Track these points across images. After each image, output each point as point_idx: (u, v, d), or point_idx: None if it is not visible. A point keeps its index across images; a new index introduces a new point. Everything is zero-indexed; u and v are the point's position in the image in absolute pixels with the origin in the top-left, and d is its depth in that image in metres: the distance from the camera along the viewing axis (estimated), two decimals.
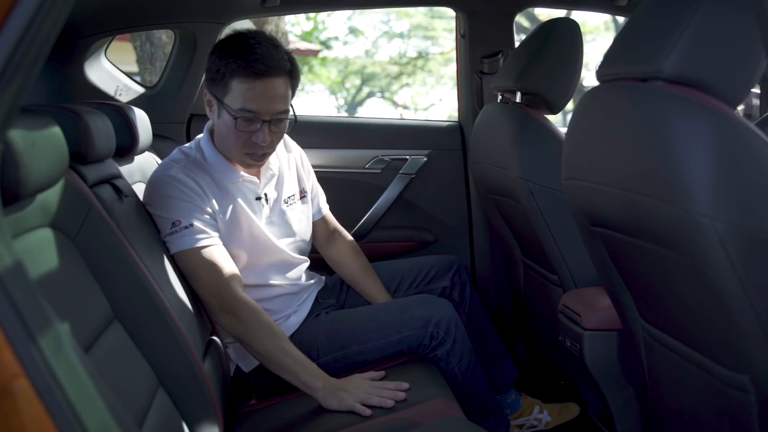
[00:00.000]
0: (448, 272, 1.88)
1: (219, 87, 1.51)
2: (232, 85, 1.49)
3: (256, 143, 1.52)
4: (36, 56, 0.74)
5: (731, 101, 0.97)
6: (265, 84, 1.48)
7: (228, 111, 1.50)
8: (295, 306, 1.71)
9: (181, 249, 1.48)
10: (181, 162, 1.57)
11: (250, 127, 1.50)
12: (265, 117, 1.50)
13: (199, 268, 1.48)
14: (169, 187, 1.51)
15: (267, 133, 1.52)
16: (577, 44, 1.76)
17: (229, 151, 1.57)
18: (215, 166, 1.59)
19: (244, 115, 1.49)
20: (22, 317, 0.67)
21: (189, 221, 1.49)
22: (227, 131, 1.53)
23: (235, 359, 1.63)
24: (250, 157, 1.56)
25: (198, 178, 1.55)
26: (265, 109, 1.50)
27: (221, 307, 1.48)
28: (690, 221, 0.92)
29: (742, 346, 0.97)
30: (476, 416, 1.65)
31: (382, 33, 15.13)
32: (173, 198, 1.50)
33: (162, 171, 1.56)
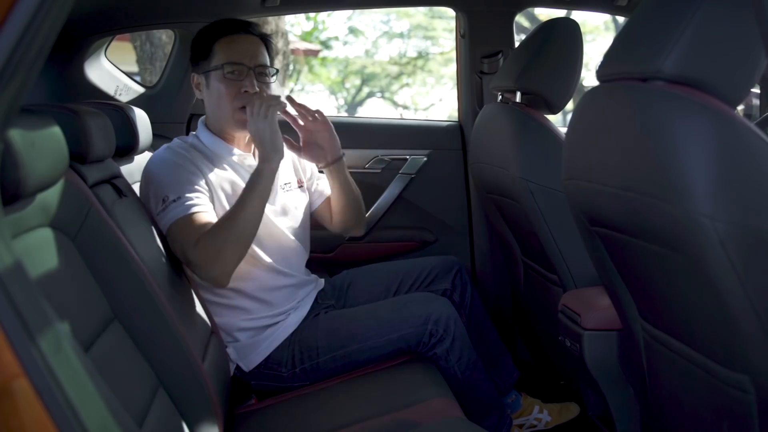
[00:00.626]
0: (448, 274, 1.88)
1: (203, 61, 1.64)
2: (215, 49, 1.62)
3: (246, 93, 1.60)
4: (36, 56, 0.74)
5: (731, 101, 0.97)
6: (243, 39, 1.64)
7: (215, 69, 1.61)
8: (295, 302, 1.71)
9: (170, 221, 1.48)
10: (175, 145, 1.63)
11: (237, 77, 1.61)
12: (249, 65, 1.62)
13: (180, 234, 1.47)
14: (162, 165, 1.55)
15: (254, 81, 1.61)
16: (577, 44, 1.76)
17: (222, 114, 1.63)
18: (211, 146, 1.65)
19: (230, 67, 1.60)
20: (22, 317, 0.67)
21: (176, 195, 1.49)
22: (218, 94, 1.62)
23: (236, 359, 1.63)
24: (241, 112, 1.59)
25: (192, 157, 1.59)
26: (247, 59, 1.62)
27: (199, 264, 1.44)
28: (690, 221, 0.92)
29: (742, 346, 0.97)
30: (478, 414, 1.65)
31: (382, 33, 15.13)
32: (164, 175, 1.53)
33: (154, 155, 1.61)
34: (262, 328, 1.64)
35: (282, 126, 1.59)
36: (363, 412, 1.40)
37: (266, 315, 1.65)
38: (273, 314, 1.66)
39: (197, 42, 1.67)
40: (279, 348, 1.63)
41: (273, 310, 1.66)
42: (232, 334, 1.64)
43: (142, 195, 1.57)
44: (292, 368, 1.61)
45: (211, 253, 1.43)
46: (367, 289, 1.87)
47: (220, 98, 1.61)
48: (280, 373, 1.62)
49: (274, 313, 1.66)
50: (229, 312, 1.63)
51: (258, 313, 1.64)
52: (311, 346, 1.62)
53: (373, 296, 1.83)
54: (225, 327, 1.64)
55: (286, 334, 1.65)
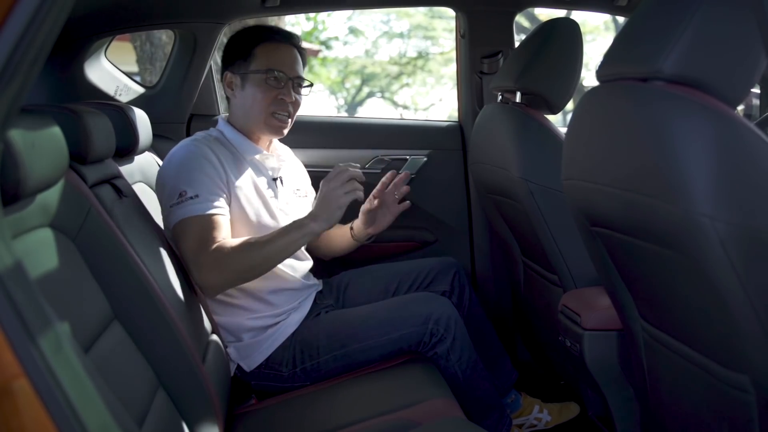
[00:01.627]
0: (447, 275, 1.88)
1: (241, 62, 1.66)
2: (257, 52, 1.65)
3: (282, 100, 1.64)
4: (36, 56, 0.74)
5: (731, 101, 0.97)
6: (286, 48, 1.68)
7: (257, 73, 1.64)
8: (296, 303, 1.71)
9: (184, 216, 1.48)
10: (201, 137, 1.64)
11: (278, 84, 1.64)
12: (290, 75, 1.66)
13: (195, 231, 1.47)
14: (185, 158, 1.56)
15: (292, 92, 1.66)
16: (577, 44, 1.76)
17: (255, 116, 1.66)
18: (236, 142, 1.68)
19: (273, 74, 1.64)
20: (22, 317, 0.67)
21: (195, 192, 1.50)
22: (253, 96, 1.64)
23: (237, 359, 1.64)
24: (275, 119, 1.65)
25: (217, 151, 1.60)
26: (289, 69, 1.66)
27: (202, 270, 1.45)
28: (690, 221, 0.92)
29: (742, 346, 0.97)
30: (478, 414, 1.65)
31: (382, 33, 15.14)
32: (185, 169, 1.53)
33: (179, 146, 1.62)
34: (263, 328, 1.65)
35: None
36: (363, 412, 1.40)
37: (268, 314, 1.65)
38: (274, 314, 1.66)
39: (236, 42, 1.68)
40: (280, 348, 1.63)
41: (274, 310, 1.66)
42: (234, 334, 1.64)
43: (158, 183, 1.59)
44: (292, 368, 1.62)
45: (221, 265, 1.45)
46: (365, 291, 1.87)
47: (255, 101, 1.64)
48: (281, 373, 1.62)
49: (275, 313, 1.66)
50: (231, 311, 1.63)
51: (260, 313, 1.65)
52: (312, 345, 1.62)
53: (371, 297, 1.84)
54: (227, 326, 1.64)
55: (287, 334, 1.65)
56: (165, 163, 1.60)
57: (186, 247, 1.48)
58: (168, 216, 1.53)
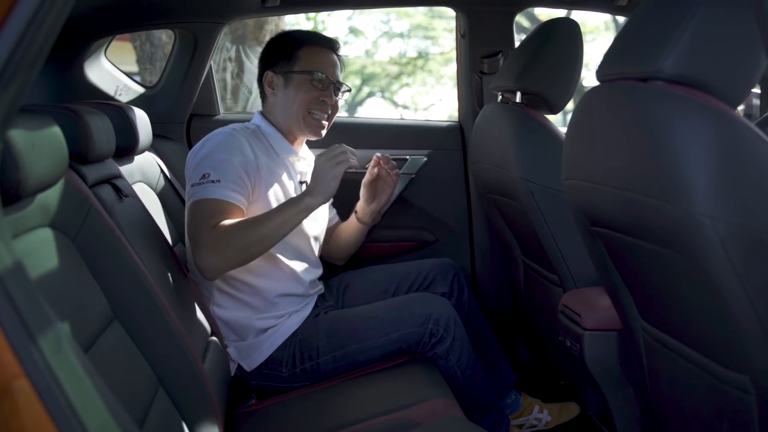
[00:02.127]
0: (446, 277, 1.89)
1: (284, 62, 1.69)
2: (300, 54, 1.69)
3: (324, 102, 1.69)
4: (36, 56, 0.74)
5: (731, 101, 0.97)
6: (328, 53, 1.73)
7: (300, 73, 1.67)
8: (299, 306, 1.71)
9: (200, 197, 1.49)
10: (239, 128, 1.65)
11: (321, 86, 1.69)
12: (332, 79, 1.71)
13: (204, 212, 1.48)
14: (219, 143, 1.57)
15: (333, 95, 1.70)
16: (577, 44, 1.76)
17: (295, 114, 1.68)
18: (273, 139, 1.70)
19: (317, 76, 1.68)
20: (22, 317, 0.67)
21: (218, 177, 1.51)
22: (295, 95, 1.67)
23: (237, 358, 1.64)
24: (314, 114, 1.69)
25: (253, 144, 1.62)
26: (332, 73, 1.71)
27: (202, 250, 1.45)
28: (690, 221, 0.92)
29: (742, 346, 0.97)
30: (476, 415, 1.65)
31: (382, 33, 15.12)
32: (216, 152, 1.54)
33: (218, 131, 1.62)
34: (264, 329, 1.65)
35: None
36: (363, 412, 1.40)
37: (271, 315, 1.65)
38: (276, 315, 1.66)
39: (279, 43, 1.73)
40: (280, 348, 1.63)
41: (278, 311, 1.66)
42: (238, 332, 1.64)
43: (188, 163, 1.59)
44: (292, 368, 1.62)
45: (220, 243, 1.44)
46: (364, 292, 1.87)
47: (297, 100, 1.67)
48: (281, 373, 1.62)
49: (277, 314, 1.66)
50: (239, 306, 1.64)
51: (265, 313, 1.65)
52: (311, 346, 1.62)
53: (370, 299, 1.84)
54: (232, 323, 1.63)
55: (287, 334, 1.65)
56: (199, 144, 1.61)
57: (191, 226, 1.50)
58: (189, 196, 1.54)
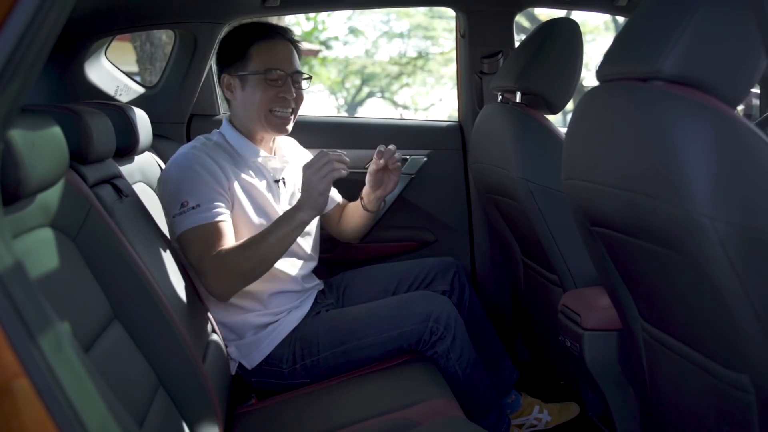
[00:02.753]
0: (447, 275, 1.89)
1: (238, 63, 1.64)
2: (252, 52, 1.63)
3: (284, 98, 1.64)
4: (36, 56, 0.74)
5: (731, 101, 0.97)
6: (282, 44, 1.66)
7: (254, 74, 1.63)
8: (296, 302, 1.71)
9: (187, 227, 1.50)
10: (200, 143, 1.64)
11: (277, 83, 1.63)
12: (288, 71, 1.65)
13: (198, 240, 1.49)
14: (184, 168, 1.56)
15: (292, 88, 1.65)
16: (577, 44, 1.76)
17: (255, 116, 1.65)
18: (237, 145, 1.67)
19: (272, 74, 1.63)
20: (22, 317, 0.67)
21: (196, 202, 1.51)
22: (253, 98, 1.63)
23: (237, 357, 1.64)
24: (277, 117, 1.65)
25: (217, 157, 1.60)
26: (286, 66, 1.65)
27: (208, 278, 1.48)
28: (690, 221, 0.92)
29: (742, 346, 0.97)
30: (477, 414, 1.65)
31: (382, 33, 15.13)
32: (186, 179, 1.54)
33: (179, 154, 1.61)
34: (263, 325, 1.65)
35: None
36: (363, 412, 1.40)
37: (268, 313, 1.66)
38: (274, 312, 1.66)
39: (230, 43, 1.68)
40: (280, 345, 1.64)
41: (274, 309, 1.66)
42: (236, 332, 1.64)
43: (159, 193, 1.59)
44: (292, 365, 1.62)
45: (223, 271, 1.47)
46: (364, 291, 1.87)
47: (256, 102, 1.63)
48: (281, 370, 1.62)
49: (275, 312, 1.66)
50: (232, 310, 1.64)
51: (260, 311, 1.65)
52: (312, 342, 1.62)
53: (371, 298, 1.84)
54: (228, 324, 1.64)
55: (287, 331, 1.65)
56: (165, 172, 1.60)
57: (191, 256, 1.51)
58: (172, 225, 1.54)
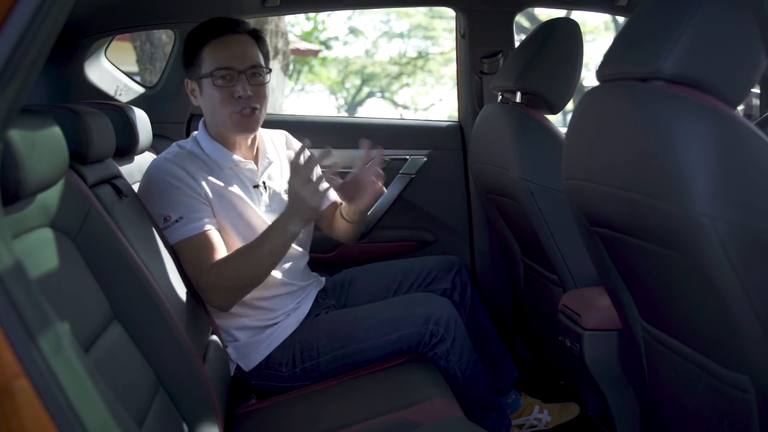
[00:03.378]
0: (449, 273, 1.88)
1: (194, 67, 1.60)
2: (203, 55, 1.58)
3: (239, 98, 1.56)
4: (36, 56, 0.74)
5: (731, 101, 0.97)
6: (229, 40, 1.58)
7: (206, 77, 1.57)
8: (294, 303, 1.71)
9: (175, 241, 1.51)
10: (172, 154, 1.60)
11: (228, 83, 1.56)
12: (239, 68, 1.56)
13: (190, 254, 1.50)
14: (159, 181, 1.54)
15: (246, 85, 1.57)
16: (577, 44, 1.76)
17: (219, 120, 1.60)
18: (211, 152, 1.63)
19: (219, 73, 1.56)
20: (22, 317, 0.67)
21: (178, 215, 1.50)
22: (211, 100, 1.58)
23: (236, 359, 1.63)
24: (239, 117, 1.58)
25: (190, 167, 1.57)
26: (236, 62, 1.57)
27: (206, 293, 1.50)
28: (690, 221, 0.92)
29: (742, 346, 0.97)
30: (477, 415, 1.65)
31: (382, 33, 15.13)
32: (163, 193, 1.52)
33: (152, 167, 1.59)
34: (261, 328, 1.65)
35: None
36: (363, 412, 1.40)
37: (266, 317, 1.65)
38: (273, 316, 1.66)
39: (186, 47, 1.62)
40: (279, 348, 1.63)
41: (272, 312, 1.66)
42: (231, 334, 1.64)
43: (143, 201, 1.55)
44: (292, 368, 1.61)
45: (220, 286, 1.48)
46: (367, 288, 1.87)
47: (214, 105, 1.58)
48: (281, 373, 1.62)
49: (273, 315, 1.66)
50: (229, 318, 1.63)
51: (258, 316, 1.65)
52: (312, 345, 1.62)
53: (373, 295, 1.83)
54: (225, 327, 1.64)
55: (286, 334, 1.65)
56: (141, 185, 1.58)
57: (186, 269, 1.52)
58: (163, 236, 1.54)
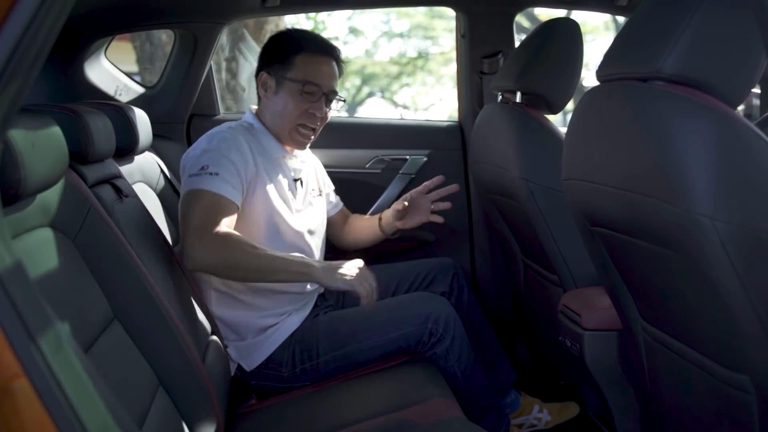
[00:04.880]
0: (446, 276, 1.88)
1: (280, 65, 1.65)
2: (296, 60, 1.64)
3: (313, 114, 1.65)
4: (36, 56, 0.74)
5: (731, 101, 0.97)
6: (326, 61, 1.67)
7: (293, 81, 1.63)
8: (299, 305, 1.71)
9: (197, 188, 1.49)
10: (235, 126, 1.65)
11: (312, 98, 1.64)
12: (325, 89, 1.65)
13: (202, 207, 1.49)
14: (219, 140, 1.57)
15: (323, 107, 1.66)
16: (577, 44, 1.76)
17: (282, 124, 1.66)
18: (263, 137, 1.68)
19: (309, 87, 1.63)
20: (22, 317, 0.67)
21: (216, 170, 1.51)
22: (285, 104, 1.64)
23: (236, 358, 1.63)
24: (301, 130, 1.66)
25: (250, 142, 1.61)
26: (326, 83, 1.66)
27: (201, 242, 1.46)
28: (690, 221, 0.92)
29: (742, 346, 0.97)
30: (476, 415, 1.65)
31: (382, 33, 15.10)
32: (216, 149, 1.54)
33: (217, 129, 1.63)
34: (264, 327, 1.64)
35: None
36: (363, 412, 1.40)
37: (271, 313, 1.65)
38: (277, 313, 1.66)
39: (277, 44, 1.69)
40: (279, 348, 1.63)
41: (278, 309, 1.66)
42: (236, 331, 1.64)
43: (184, 158, 1.59)
44: (292, 368, 1.61)
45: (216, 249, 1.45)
46: None
47: (286, 110, 1.65)
48: (281, 374, 1.62)
49: (278, 312, 1.66)
50: (237, 306, 1.63)
51: (264, 311, 1.64)
52: (311, 346, 1.62)
53: None
54: (229, 322, 1.63)
55: (287, 334, 1.65)
56: (197, 141, 1.62)
57: (192, 216, 1.48)
58: (184, 185, 1.54)
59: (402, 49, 15.19)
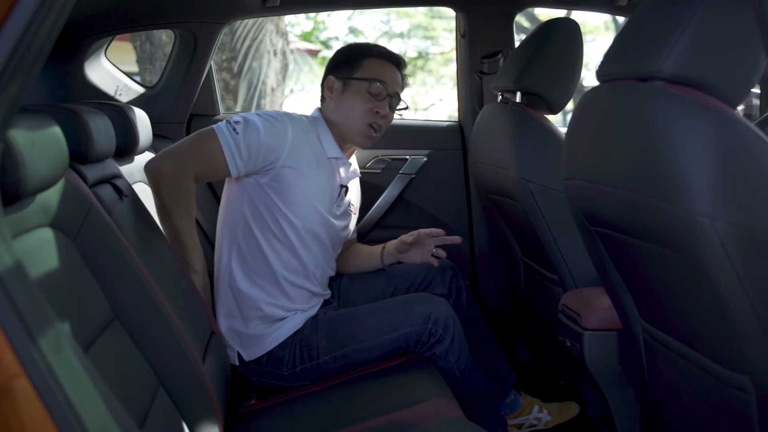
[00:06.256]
0: (444, 278, 1.89)
1: (347, 68, 1.73)
2: (364, 63, 1.72)
3: (378, 113, 1.70)
4: (36, 56, 0.74)
5: (731, 101, 0.97)
6: (392, 67, 1.75)
7: (359, 81, 1.70)
8: (306, 306, 1.71)
9: (211, 128, 1.56)
10: (298, 116, 1.69)
11: (377, 97, 1.70)
12: (390, 90, 1.72)
13: (196, 141, 1.56)
14: (268, 115, 1.61)
15: (388, 107, 1.72)
16: (577, 44, 1.76)
17: (351, 123, 1.70)
18: (323, 136, 1.72)
19: (374, 87, 1.69)
20: (22, 317, 0.67)
21: (242, 130, 1.55)
22: (351, 104, 1.70)
23: (237, 347, 1.63)
24: (368, 130, 1.71)
25: (308, 134, 1.66)
26: (391, 84, 1.72)
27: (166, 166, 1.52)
28: (690, 221, 0.92)
29: (742, 346, 0.97)
30: (475, 415, 1.65)
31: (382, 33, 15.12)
32: (257, 119, 1.58)
33: (277, 111, 1.67)
34: (268, 318, 1.64)
35: None
36: (363, 412, 1.40)
37: (277, 305, 1.65)
38: (284, 307, 1.66)
39: (347, 51, 1.77)
40: (281, 346, 1.63)
41: (288, 303, 1.66)
42: (243, 309, 1.64)
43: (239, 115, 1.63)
44: (292, 368, 1.62)
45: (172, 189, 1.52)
46: (363, 293, 1.88)
47: (353, 109, 1.70)
48: (281, 372, 1.62)
49: (284, 306, 1.66)
50: (252, 284, 1.64)
51: (272, 299, 1.65)
52: (311, 346, 1.62)
53: (369, 299, 1.84)
54: (241, 296, 1.64)
55: (290, 332, 1.65)
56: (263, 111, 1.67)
57: (185, 142, 1.56)
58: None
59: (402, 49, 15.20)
